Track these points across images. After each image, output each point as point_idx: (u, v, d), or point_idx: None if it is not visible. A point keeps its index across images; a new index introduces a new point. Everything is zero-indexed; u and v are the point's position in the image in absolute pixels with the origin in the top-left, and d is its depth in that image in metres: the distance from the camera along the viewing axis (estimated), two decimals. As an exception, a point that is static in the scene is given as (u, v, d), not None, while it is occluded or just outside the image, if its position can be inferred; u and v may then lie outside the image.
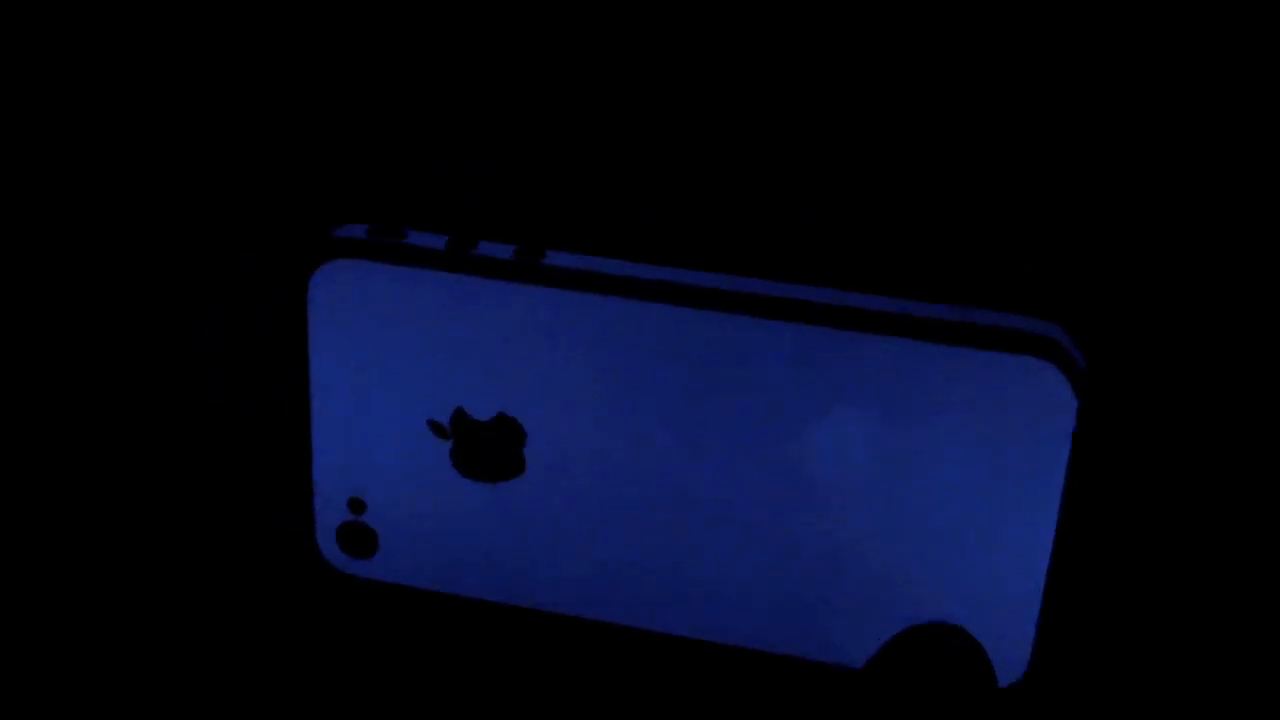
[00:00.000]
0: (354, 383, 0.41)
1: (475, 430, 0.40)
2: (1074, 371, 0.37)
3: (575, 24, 0.44)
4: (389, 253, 0.40)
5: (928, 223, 0.43)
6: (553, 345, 0.39)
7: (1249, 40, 0.43)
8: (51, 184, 0.44)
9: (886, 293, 0.40)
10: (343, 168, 0.43)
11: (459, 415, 0.40)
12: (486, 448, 0.40)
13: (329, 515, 0.42)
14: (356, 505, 0.41)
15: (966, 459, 0.38)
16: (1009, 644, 0.38)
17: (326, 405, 0.41)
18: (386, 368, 0.40)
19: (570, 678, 0.42)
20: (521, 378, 0.40)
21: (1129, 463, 0.40)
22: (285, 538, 0.43)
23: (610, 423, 0.39)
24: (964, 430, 0.38)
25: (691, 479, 0.39)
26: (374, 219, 0.42)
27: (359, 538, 0.42)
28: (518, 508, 0.40)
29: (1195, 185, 0.42)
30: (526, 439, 0.40)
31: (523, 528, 0.41)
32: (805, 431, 0.38)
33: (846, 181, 0.43)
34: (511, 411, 0.40)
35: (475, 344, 0.40)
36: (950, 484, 0.38)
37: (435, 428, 0.40)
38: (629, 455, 0.39)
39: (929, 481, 0.38)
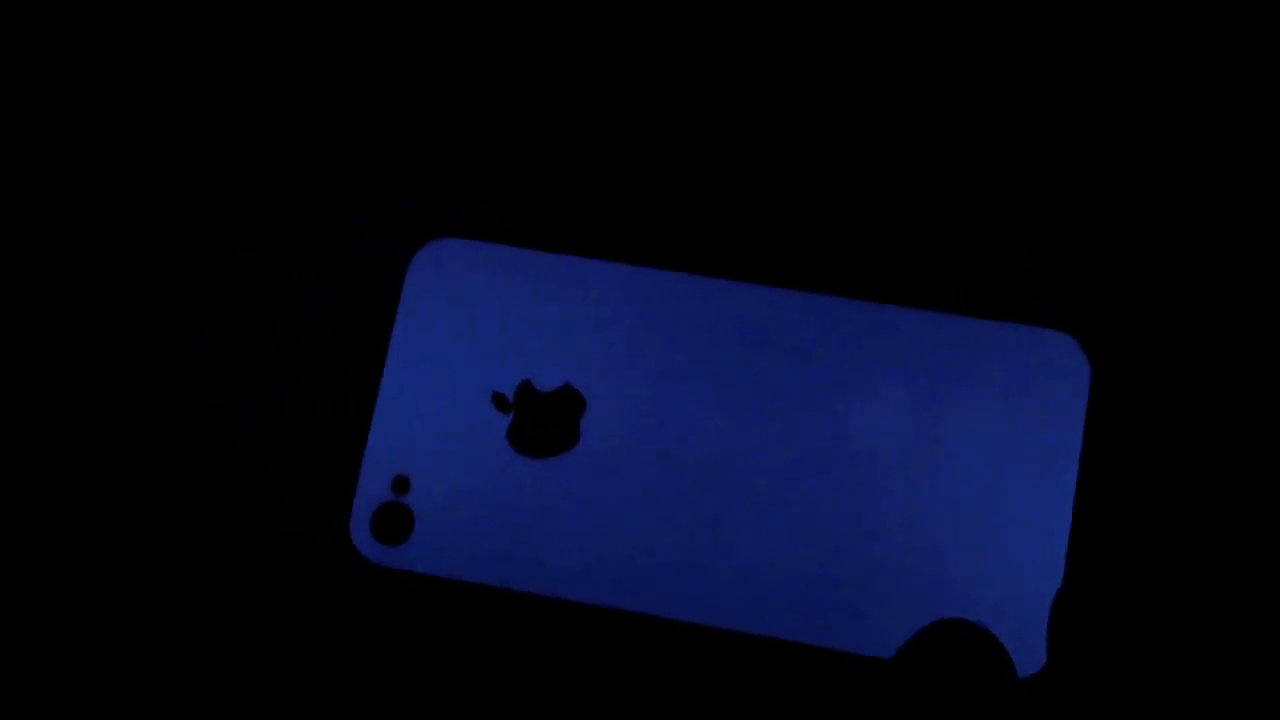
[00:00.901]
0: (427, 362, 0.42)
1: (537, 402, 0.42)
2: (1090, 343, 0.40)
3: (593, 32, 0.44)
4: (482, 231, 0.43)
5: (928, 227, 0.43)
6: (626, 320, 0.42)
7: (1245, 44, 0.43)
8: (81, 181, 0.45)
9: (890, 297, 0.42)
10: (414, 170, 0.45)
11: (524, 387, 0.42)
12: (545, 420, 0.41)
13: (371, 492, 0.42)
14: (401, 484, 0.42)
15: (989, 430, 0.40)
16: (1031, 626, 0.39)
17: (393, 386, 0.42)
18: (461, 348, 0.42)
19: (590, 668, 0.42)
20: (592, 351, 0.42)
21: (1142, 442, 0.41)
22: (317, 523, 0.43)
23: (666, 398, 0.41)
24: (986, 401, 0.40)
25: (734, 455, 0.41)
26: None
27: (395, 521, 0.42)
28: (564, 489, 0.41)
29: (1185, 183, 0.43)
30: (586, 409, 0.41)
31: (565, 511, 0.41)
32: (847, 405, 0.41)
33: (850, 185, 0.44)
34: (576, 383, 0.42)
35: (551, 319, 0.42)
36: (973, 450, 0.40)
37: (498, 399, 0.42)
38: (679, 429, 0.41)
39: (955, 448, 0.40)
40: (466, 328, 0.43)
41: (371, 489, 0.42)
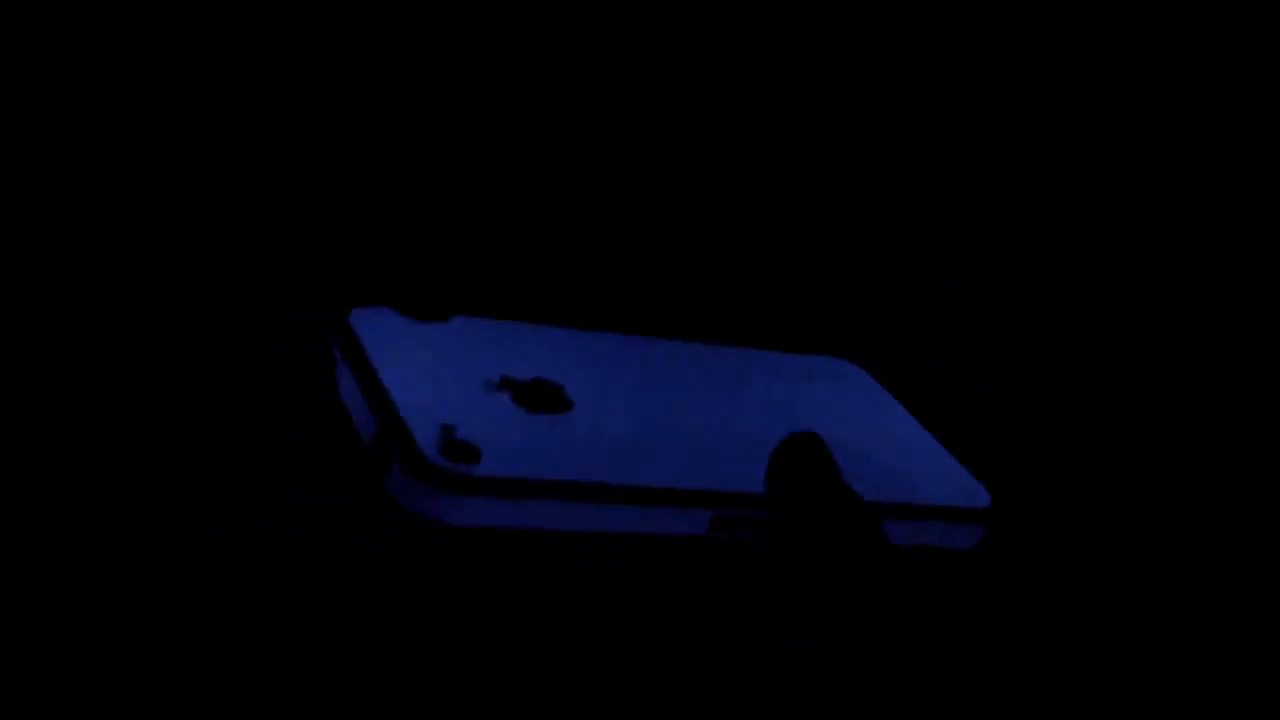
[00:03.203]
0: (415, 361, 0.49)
1: (521, 383, 0.50)
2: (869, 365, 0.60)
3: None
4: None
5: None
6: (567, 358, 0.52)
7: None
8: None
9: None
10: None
11: (505, 379, 0.50)
12: (536, 391, 0.50)
13: (428, 435, 0.46)
14: (448, 429, 0.46)
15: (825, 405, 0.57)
16: None
17: (396, 376, 0.47)
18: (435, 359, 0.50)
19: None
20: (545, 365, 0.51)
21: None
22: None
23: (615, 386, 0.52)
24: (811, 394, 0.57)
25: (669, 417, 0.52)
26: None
27: (464, 448, 0.46)
28: (577, 425, 0.49)
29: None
30: (565, 388, 0.50)
31: (579, 429, 0.49)
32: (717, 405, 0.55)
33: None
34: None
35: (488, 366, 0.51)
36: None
37: (500, 383, 0.49)
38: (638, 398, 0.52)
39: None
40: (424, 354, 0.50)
41: (424, 433, 0.46)
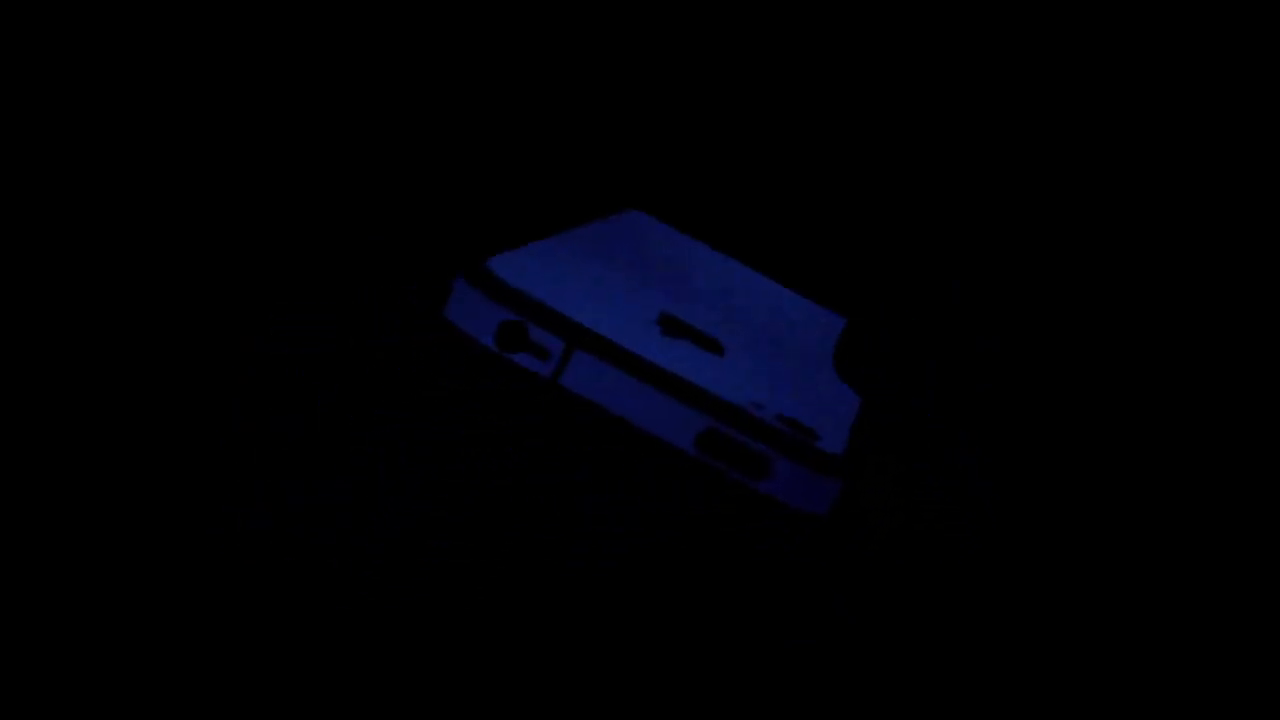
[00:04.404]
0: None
1: (676, 326, 0.51)
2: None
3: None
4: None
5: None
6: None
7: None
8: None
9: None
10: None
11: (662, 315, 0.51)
12: (695, 337, 0.50)
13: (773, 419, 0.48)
14: (757, 404, 0.48)
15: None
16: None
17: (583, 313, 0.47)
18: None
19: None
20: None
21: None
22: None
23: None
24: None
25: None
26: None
27: (800, 427, 0.47)
28: (744, 361, 0.50)
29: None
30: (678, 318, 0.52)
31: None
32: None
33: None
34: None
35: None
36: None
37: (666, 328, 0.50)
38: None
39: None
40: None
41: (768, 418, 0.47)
